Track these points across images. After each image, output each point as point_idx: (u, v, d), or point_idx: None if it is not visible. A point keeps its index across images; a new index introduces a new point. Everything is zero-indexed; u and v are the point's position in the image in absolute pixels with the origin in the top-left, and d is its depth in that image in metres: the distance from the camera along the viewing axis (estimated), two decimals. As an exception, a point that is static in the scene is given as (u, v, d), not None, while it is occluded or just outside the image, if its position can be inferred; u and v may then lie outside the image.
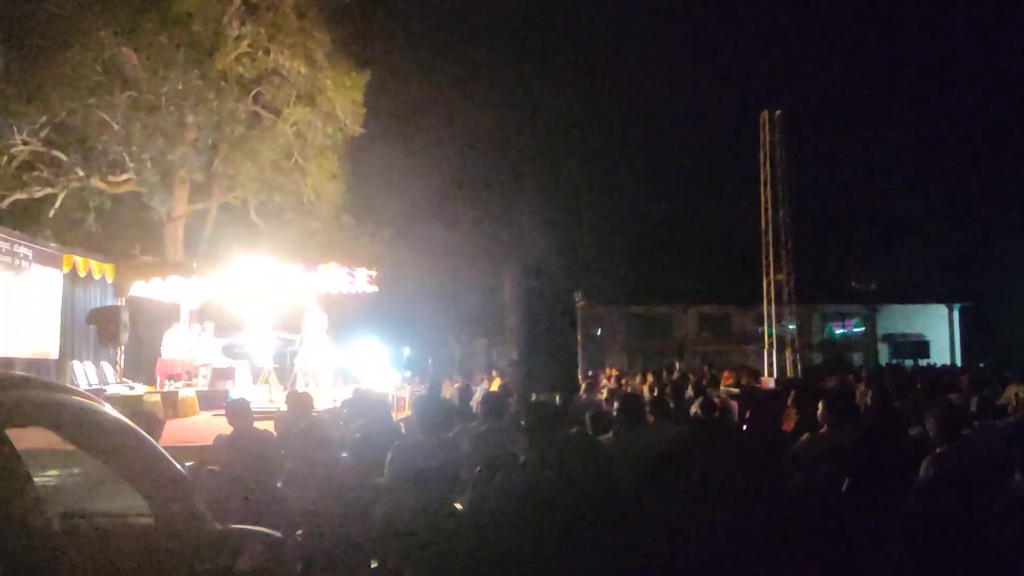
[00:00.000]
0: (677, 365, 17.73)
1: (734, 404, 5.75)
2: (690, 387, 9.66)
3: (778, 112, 17.18)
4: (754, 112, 17.45)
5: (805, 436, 4.69)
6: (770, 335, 16.80)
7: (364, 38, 20.18)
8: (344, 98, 18.80)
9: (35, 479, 2.26)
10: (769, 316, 16.88)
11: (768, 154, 16.93)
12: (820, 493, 3.89)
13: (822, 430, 4.66)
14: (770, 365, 16.70)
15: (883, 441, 4.39)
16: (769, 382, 14.64)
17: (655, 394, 7.49)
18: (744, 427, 4.68)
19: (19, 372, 2.23)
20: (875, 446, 4.28)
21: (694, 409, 5.71)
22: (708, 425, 4.98)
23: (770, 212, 16.90)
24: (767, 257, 16.95)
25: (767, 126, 16.99)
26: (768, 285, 16.92)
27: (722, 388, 11.38)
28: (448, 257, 28.07)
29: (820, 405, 4.82)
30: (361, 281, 15.24)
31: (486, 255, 28.78)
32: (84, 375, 12.30)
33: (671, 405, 5.76)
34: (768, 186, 16.92)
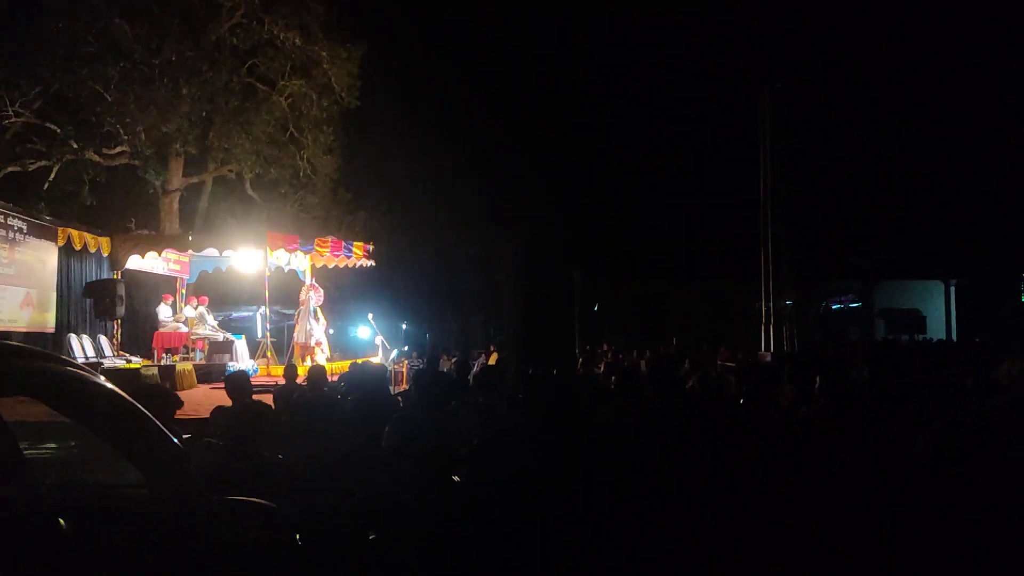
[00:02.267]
0: (674, 340, 17.78)
1: (731, 379, 5.75)
2: (687, 362, 9.68)
3: (778, 86, 17.03)
4: (753, 86, 17.30)
5: (802, 410, 4.70)
6: (767, 310, 16.81)
7: (360, 8, 19.93)
8: (340, 70, 18.62)
9: (32, 451, 2.24)
10: (767, 291, 16.88)
11: (767, 129, 16.82)
12: (816, 467, 3.91)
13: (819, 405, 4.66)
14: (767, 340, 16.73)
15: (878, 416, 4.40)
16: (766, 356, 14.67)
17: (652, 368, 7.49)
18: (741, 401, 4.67)
19: (13, 342, 2.20)
20: (870, 421, 4.29)
21: (691, 383, 5.72)
22: (705, 399, 4.98)
23: (769, 187, 16.83)
24: (765, 232, 16.91)
25: (767, 101, 16.86)
26: (766, 260, 16.90)
27: (719, 363, 11.41)
28: (446, 232, 27.98)
29: (817, 380, 4.82)
30: (358, 255, 15.22)
31: (484, 230, 28.69)
32: (81, 348, 12.31)
33: (668, 379, 5.76)
34: (767, 161, 16.83)
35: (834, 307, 35.60)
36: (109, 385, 2.15)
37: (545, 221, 27.95)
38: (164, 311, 14.54)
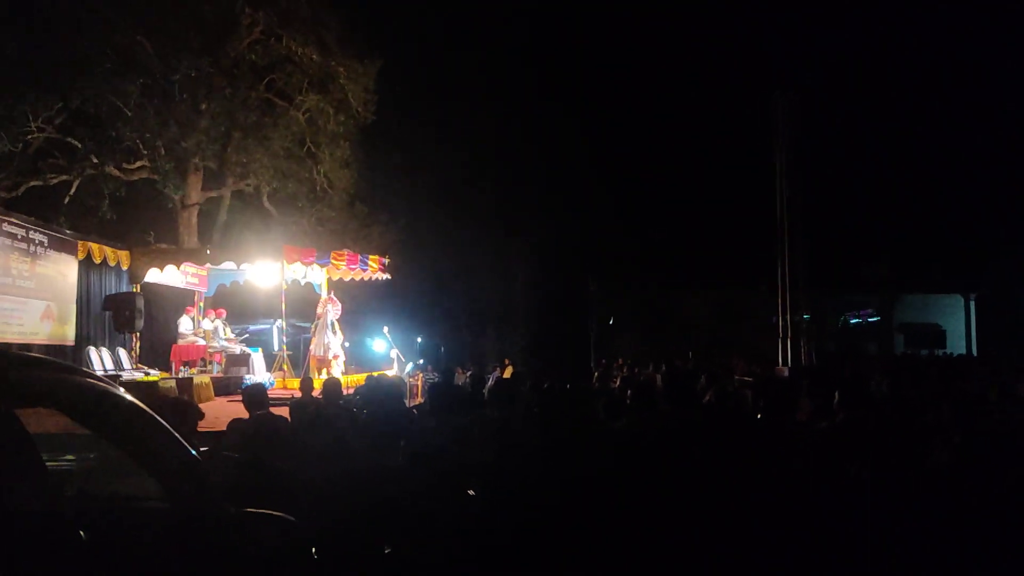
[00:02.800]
0: (690, 353, 17.69)
1: (747, 393, 5.71)
2: (703, 376, 9.61)
3: (792, 94, 16.96)
4: (766, 93, 17.24)
5: (821, 425, 4.65)
6: (784, 324, 16.68)
7: (376, 24, 20.16)
8: (356, 85, 18.80)
9: (52, 463, 2.27)
10: (783, 304, 16.75)
11: (782, 138, 16.75)
12: (835, 482, 3.86)
13: (838, 419, 4.62)
14: (784, 353, 16.58)
15: (898, 430, 4.35)
16: (783, 371, 14.54)
17: (668, 382, 7.45)
18: (758, 416, 4.64)
19: (35, 354, 2.22)
20: (890, 435, 4.24)
21: (707, 397, 5.68)
22: (722, 413, 4.95)
23: (785, 198, 16.74)
24: (781, 244, 16.79)
25: (779, 108, 16.78)
26: (782, 272, 16.79)
27: (736, 377, 11.33)
28: (460, 245, 28.06)
29: (836, 394, 4.78)
30: (374, 269, 15.29)
31: (498, 243, 28.74)
32: (100, 361, 12.42)
33: (685, 393, 5.73)
34: (782, 171, 16.75)
35: (852, 321, 35.26)
36: (129, 397, 2.18)
37: (560, 233, 27.96)
38: (185, 324, 14.66)
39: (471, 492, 4.11)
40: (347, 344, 15.35)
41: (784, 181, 16.78)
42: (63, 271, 12.17)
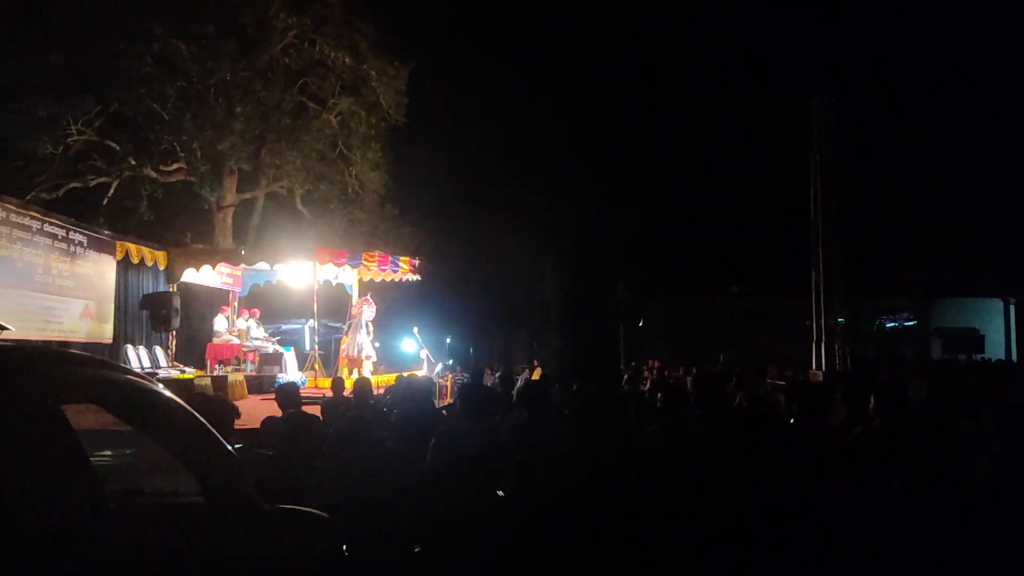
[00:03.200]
0: (721, 357, 17.51)
1: (780, 397, 5.64)
2: (734, 379, 9.51)
3: (827, 98, 16.74)
4: (804, 98, 17.04)
5: (856, 430, 4.58)
6: (818, 327, 16.44)
7: (407, 27, 20.32)
8: (388, 88, 18.96)
9: (91, 458, 2.32)
10: (817, 308, 16.51)
11: (818, 142, 16.52)
12: (870, 490, 3.80)
13: (873, 424, 4.54)
14: (817, 358, 16.34)
15: (935, 437, 4.26)
16: (817, 375, 14.32)
17: (699, 386, 7.39)
18: (791, 421, 4.58)
19: (78, 351, 2.28)
20: (927, 442, 4.16)
21: (739, 401, 5.62)
22: (754, 419, 4.89)
23: (820, 201, 16.50)
24: (816, 247, 16.56)
25: (815, 113, 16.57)
26: (817, 276, 16.55)
27: (768, 381, 11.18)
28: (490, 247, 28.13)
29: (871, 399, 4.70)
30: (404, 270, 15.38)
31: (528, 245, 28.74)
32: (137, 359, 12.65)
33: (716, 397, 5.68)
34: (816, 175, 16.51)
35: (888, 325, 34.63)
36: (169, 394, 2.22)
37: (590, 236, 27.89)
38: (220, 323, 14.89)
39: (500, 493, 4.12)
40: (377, 344, 15.46)
41: (818, 184, 16.55)
42: (102, 271, 12.42)
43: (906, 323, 34.33)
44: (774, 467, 3.83)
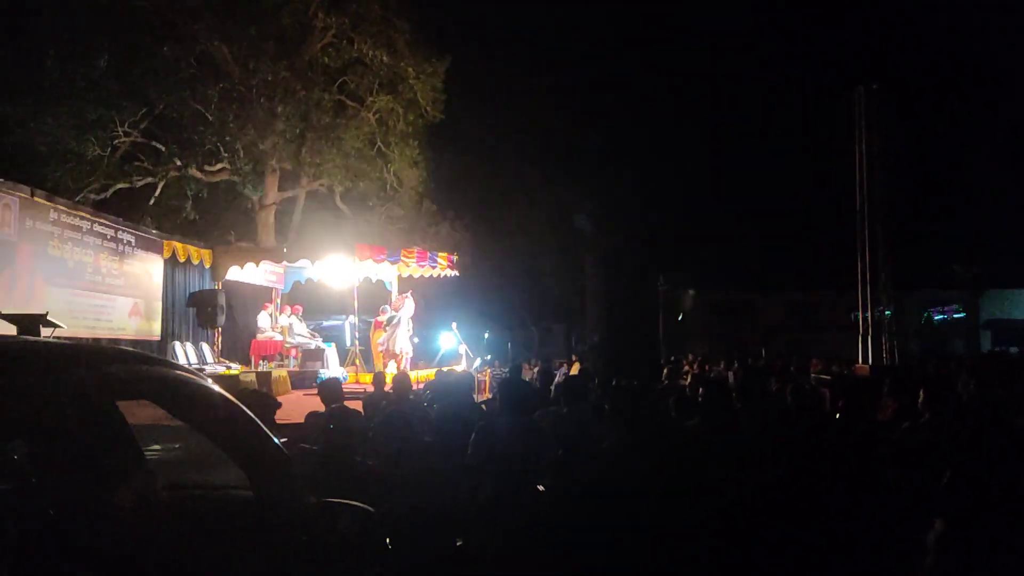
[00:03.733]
0: (763, 351, 17.27)
1: (825, 392, 5.55)
2: (778, 374, 9.37)
3: (874, 86, 16.34)
4: (849, 85, 16.64)
5: (905, 425, 4.49)
6: (865, 320, 16.10)
7: (444, 24, 20.37)
8: (425, 85, 19.06)
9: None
10: (863, 300, 16.17)
11: (863, 130, 16.15)
12: (919, 487, 3.72)
13: (923, 419, 4.45)
14: (864, 352, 16.02)
15: (987, 432, 4.16)
16: (864, 369, 14.04)
17: (741, 380, 7.30)
18: (837, 416, 4.51)
19: (132, 349, 2.35)
20: (978, 437, 4.06)
21: (784, 394, 5.55)
22: (799, 413, 4.83)
23: (866, 191, 16.15)
24: (862, 238, 16.21)
25: (861, 100, 16.19)
26: (863, 268, 16.21)
27: (812, 375, 11.00)
28: (528, 242, 28.11)
29: (920, 394, 4.60)
30: (442, 266, 15.47)
31: (566, 240, 28.65)
32: (184, 355, 12.95)
33: (759, 392, 5.62)
34: (862, 164, 16.15)
35: (936, 318, 33.77)
36: (218, 389, 2.28)
37: (630, 230, 27.67)
38: (263, 319, 15.16)
39: (540, 488, 4.14)
40: (416, 339, 15.58)
41: (865, 174, 16.19)
42: (149, 269, 12.74)
43: (955, 316, 33.44)
44: (820, 463, 3.77)
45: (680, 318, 30.41)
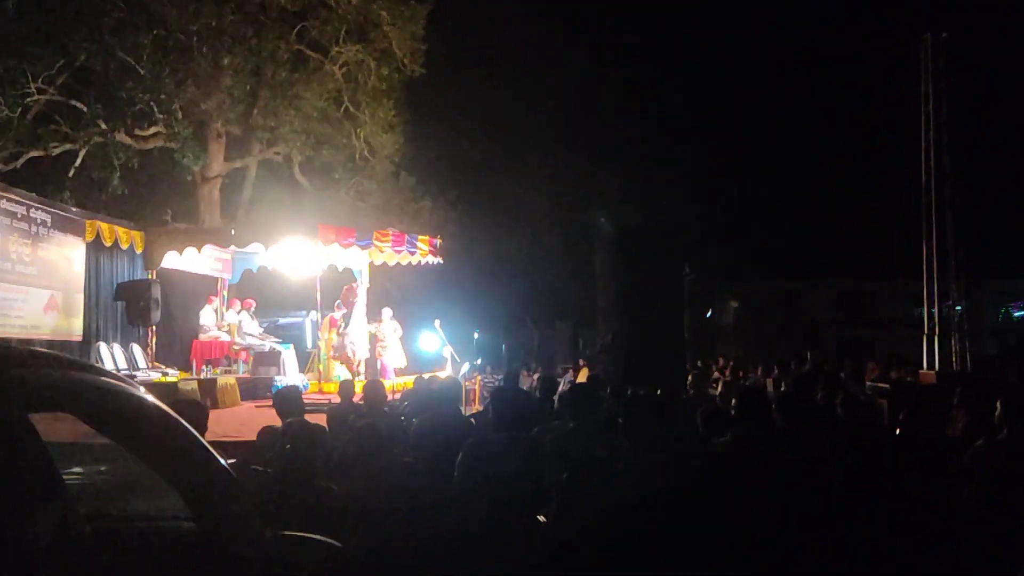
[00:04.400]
0: (809, 354, 17.33)
1: (883, 403, 5.58)
2: (825, 381, 9.41)
3: (944, 35, 16.33)
4: (913, 35, 16.62)
5: (978, 443, 4.52)
6: (930, 317, 16.15)
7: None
8: (402, 33, 19.00)
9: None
10: (930, 294, 16.22)
11: (930, 89, 16.16)
12: (999, 512, 3.74)
13: (1000, 435, 4.48)
14: (930, 354, 16.08)
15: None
16: (929, 375, 14.10)
17: (782, 389, 7.33)
18: (897, 431, 4.53)
19: (47, 350, 2.34)
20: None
21: (832, 408, 5.57)
22: (852, 428, 4.85)
23: (933, 163, 16.16)
24: (928, 220, 16.25)
25: (928, 53, 16.18)
26: (929, 254, 16.25)
27: (868, 383, 11.07)
28: (526, 223, 28.09)
29: (997, 404, 4.63)
30: (423, 251, 15.47)
31: (571, 221, 28.62)
32: (112, 358, 12.94)
33: (803, 403, 5.64)
34: (929, 132, 16.16)
35: (1016, 314, 33.94)
36: (151, 399, 2.27)
37: (649, 207, 27.65)
38: (207, 316, 15.14)
39: (541, 519, 4.15)
40: (393, 331, 15.55)
41: (931, 141, 16.19)
42: (69, 255, 12.70)
43: (1039, 311, 33.59)
44: (877, 489, 3.79)
45: (709, 314, 30.49)
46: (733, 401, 5.43)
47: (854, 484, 3.91)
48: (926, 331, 16.27)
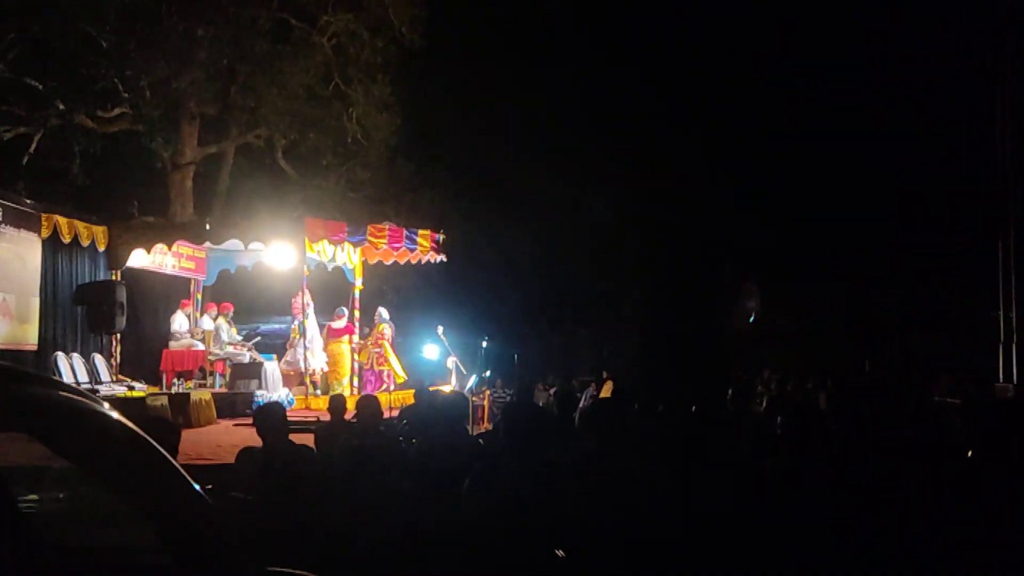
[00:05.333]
0: (867, 364, 17.27)
1: (955, 420, 5.55)
2: (887, 395, 9.40)
3: None
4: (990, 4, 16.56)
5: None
6: (1008, 322, 16.09)
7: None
8: (399, -1, 19.07)
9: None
10: (1007, 296, 16.17)
11: (1009, 64, 16.13)
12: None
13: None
14: (1007, 365, 16.02)
15: None
16: (1008, 390, 14.05)
17: (837, 404, 7.31)
18: (969, 454, 4.51)
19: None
20: None
21: (894, 426, 5.54)
22: (917, 450, 4.83)
23: (1009, 148, 16.10)
24: (1004, 212, 16.20)
25: (1009, 49, 16.18)
26: (1006, 253, 16.19)
27: (936, 398, 11.03)
28: (542, 216, 28.05)
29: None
30: (424, 248, 15.50)
31: (596, 212, 28.56)
32: (71, 370, 13.00)
33: (860, 420, 5.63)
34: (1006, 121, 16.14)
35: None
36: (116, 416, 2.28)
37: (685, 200, 27.55)
38: (179, 322, 15.20)
39: (560, 553, 4.15)
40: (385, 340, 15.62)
41: (1008, 126, 16.13)
42: (22, 253, 12.78)
43: None
44: (947, 518, 3.78)
45: (752, 319, 30.36)
46: (779, 418, 5.42)
47: (921, 511, 3.90)
48: (1002, 338, 16.20)
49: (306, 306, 14.87)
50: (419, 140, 22.40)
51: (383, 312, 15.78)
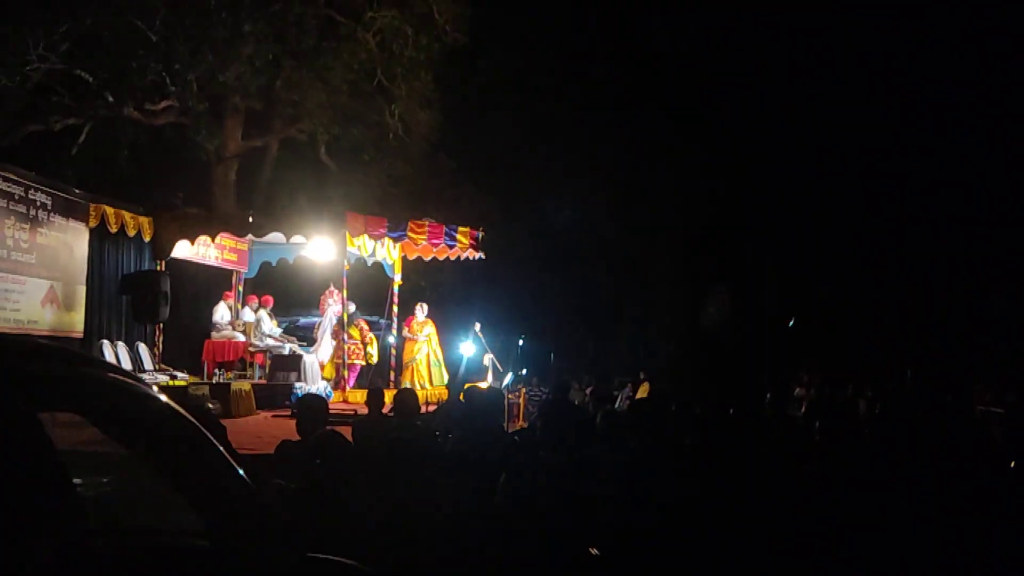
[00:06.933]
0: (909, 372, 17.06)
1: (997, 431, 5.47)
2: (928, 403, 9.28)
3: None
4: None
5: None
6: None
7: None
8: (444, -4, 19.10)
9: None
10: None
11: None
12: None
13: None
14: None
15: None
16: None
17: (876, 411, 7.24)
18: (1012, 465, 4.45)
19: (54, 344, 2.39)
20: None
21: (936, 436, 5.48)
22: (958, 461, 4.77)
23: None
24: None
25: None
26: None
27: (978, 407, 10.87)
28: (581, 214, 27.94)
29: None
30: (463, 244, 15.52)
31: (634, 210, 28.41)
32: (115, 358, 13.13)
33: (901, 427, 5.57)
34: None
35: None
36: (165, 399, 2.31)
37: (725, 196, 27.32)
38: (221, 313, 15.33)
39: (594, 551, 4.16)
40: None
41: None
42: (70, 242, 12.96)
43: None
44: (989, 532, 3.74)
45: (792, 323, 30.02)
46: (818, 424, 5.38)
47: (962, 524, 3.85)
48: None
49: (327, 297, 15.01)
50: (461, 137, 22.40)
51: (420, 310, 15.82)
